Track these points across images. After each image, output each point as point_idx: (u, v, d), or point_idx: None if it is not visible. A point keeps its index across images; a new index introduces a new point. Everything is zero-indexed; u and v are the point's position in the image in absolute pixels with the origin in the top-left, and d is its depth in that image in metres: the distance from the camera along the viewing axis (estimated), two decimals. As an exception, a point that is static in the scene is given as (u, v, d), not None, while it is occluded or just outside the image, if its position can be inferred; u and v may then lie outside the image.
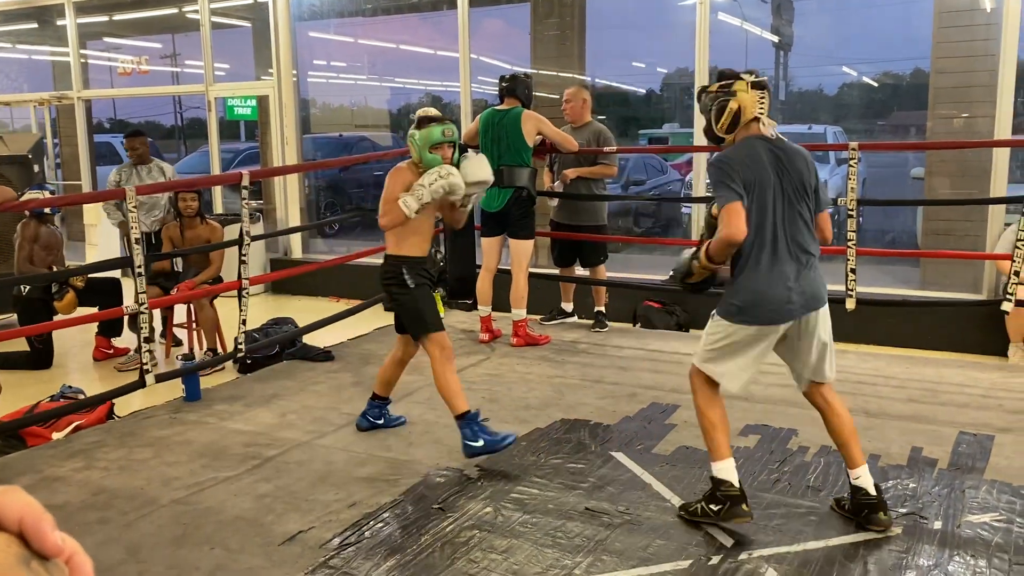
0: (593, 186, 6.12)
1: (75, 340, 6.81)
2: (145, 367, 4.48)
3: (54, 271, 6.35)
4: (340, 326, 6.04)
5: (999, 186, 6.21)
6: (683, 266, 3.25)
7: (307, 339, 5.83)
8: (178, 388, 4.85)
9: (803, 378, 3.14)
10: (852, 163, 5.31)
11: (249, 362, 5.64)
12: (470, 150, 3.97)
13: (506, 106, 5.69)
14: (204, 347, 6.30)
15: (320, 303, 8.28)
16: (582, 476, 3.62)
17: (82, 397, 4.88)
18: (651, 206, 10.92)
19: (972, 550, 2.93)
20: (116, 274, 6.67)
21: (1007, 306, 5.10)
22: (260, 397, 4.82)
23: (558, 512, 3.27)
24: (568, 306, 6.45)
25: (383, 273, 3.87)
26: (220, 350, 6.18)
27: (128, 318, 5.53)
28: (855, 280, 5.33)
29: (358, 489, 3.52)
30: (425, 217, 3.81)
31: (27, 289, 6.25)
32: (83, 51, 10.75)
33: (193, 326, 6.47)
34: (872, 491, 3.04)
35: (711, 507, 3.05)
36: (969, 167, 6.54)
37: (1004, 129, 6.14)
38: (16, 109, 11.95)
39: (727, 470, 3.04)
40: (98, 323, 6.28)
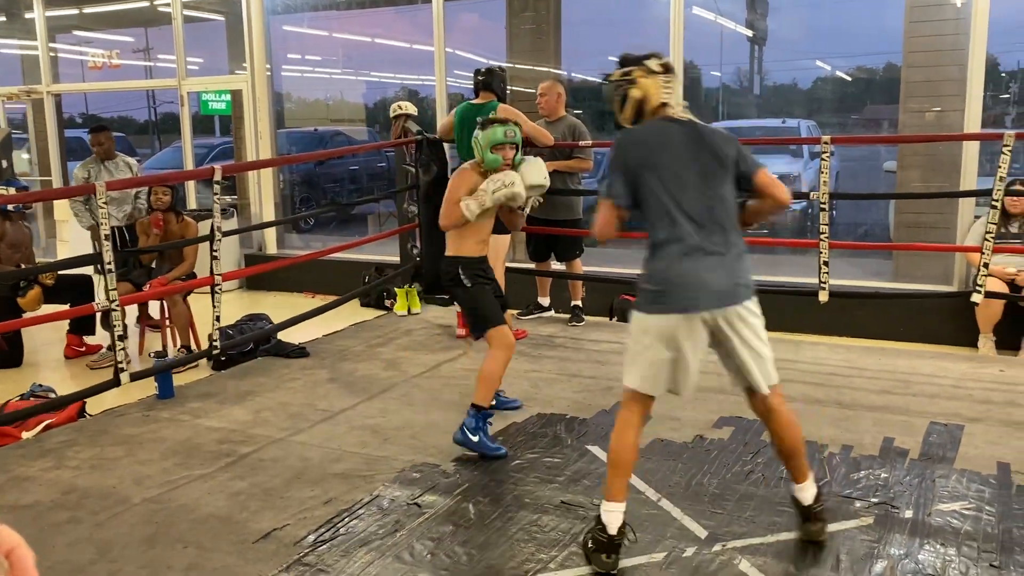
0: (568, 180, 6.12)
1: (46, 338, 6.73)
2: (120, 365, 4.44)
3: (22, 269, 6.25)
4: (315, 322, 6.00)
5: (969, 179, 6.29)
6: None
7: (282, 335, 5.81)
8: (151, 386, 4.80)
9: (735, 383, 2.90)
10: (825, 157, 5.36)
11: (223, 359, 5.61)
12: (528, 156, 3.99)
13: (481, 100, 5.67)
14: (178, 344, 6.25)
15: (295, 299, 8.23)
16: (558, 470, 3.63)
17: (53, 396, 4.82)
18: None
19: (942, 538, 2.97)
20: (88, 270, 6.58)
21: (977, 297, 5.18)
22: (234, 394, 4.79)
23: (534, 506, 3.27)
24: (545, 300, 6.46)
25: (443, 274, 3.96)
26: (194, 347, 6.13)
27: (101, 315, 5.46)
28: (828, 273, 5.38)
29: (333, 486, 3.51)
30: (484, 219, 3.89)
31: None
32: (52, 45, 10.59)
33: (166, 323, 6.41)
34: (808, 503, 2.90)
35: (588, 542, 2.84)
36: (940, 161, 6.61)
37: (973, 123, 6.21)
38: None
39: (611, 513, 2.78)
40: (70, 321, 6.21)
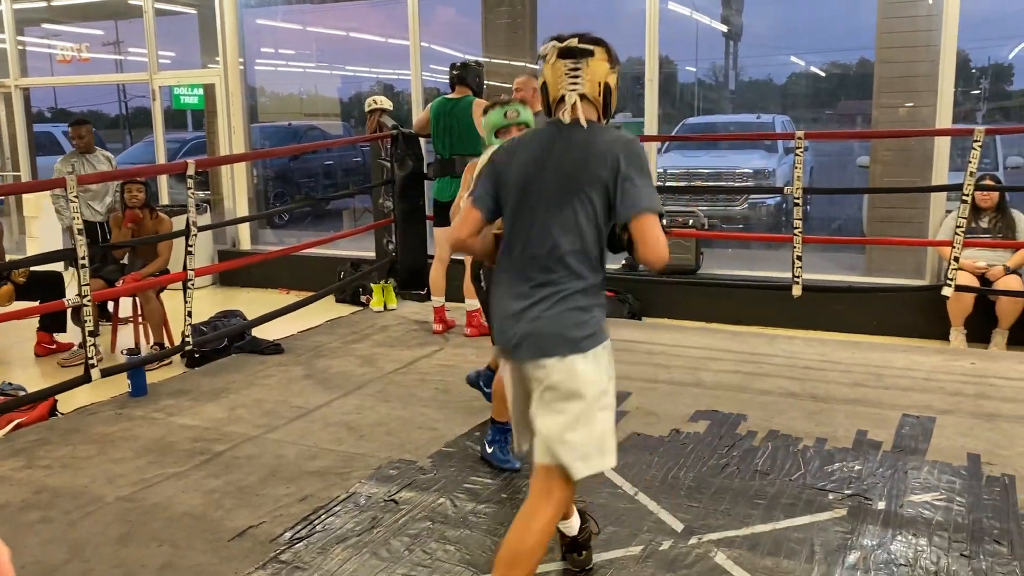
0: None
1: (16, 335, 6.62)
2: (91, 361, 4.38)
3: (-7, 265, 6.15)
4: (290, 318, 5.96)
5: (940, 174, 6.36)
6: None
7: (256, 332, 5.76)
8: (124, 383, 4.75)
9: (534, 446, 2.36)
10: (798, 152, 5.40)
11: (197, 356, 5.55)
12: None
13: (457, 95, 5.65)
14: (151, 341, 6.18)
15: (269, 295, 8.16)
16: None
17: (23, 394, 4.75)
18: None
19: (914, 529, 3.01)
20: (59, 267, 6.49)
21: (948, 291, 5.24)
22: (208, 391, 4.74)
23: (512, 501, 3.27)
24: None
25: (472, 276, 3.94)
26: (167, 344, 6.07)
27: (71, 311, 5.39)
28: (801, 267, 5.42)
29: (309, 483, 3.49)
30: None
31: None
32: (20, 38, 10.42)
33: (139, 319, 6.34)
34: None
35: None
36: (912, 155, 6.68)
37: (945, 118, 6.27)
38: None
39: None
40: (40, 317, 6.12)
